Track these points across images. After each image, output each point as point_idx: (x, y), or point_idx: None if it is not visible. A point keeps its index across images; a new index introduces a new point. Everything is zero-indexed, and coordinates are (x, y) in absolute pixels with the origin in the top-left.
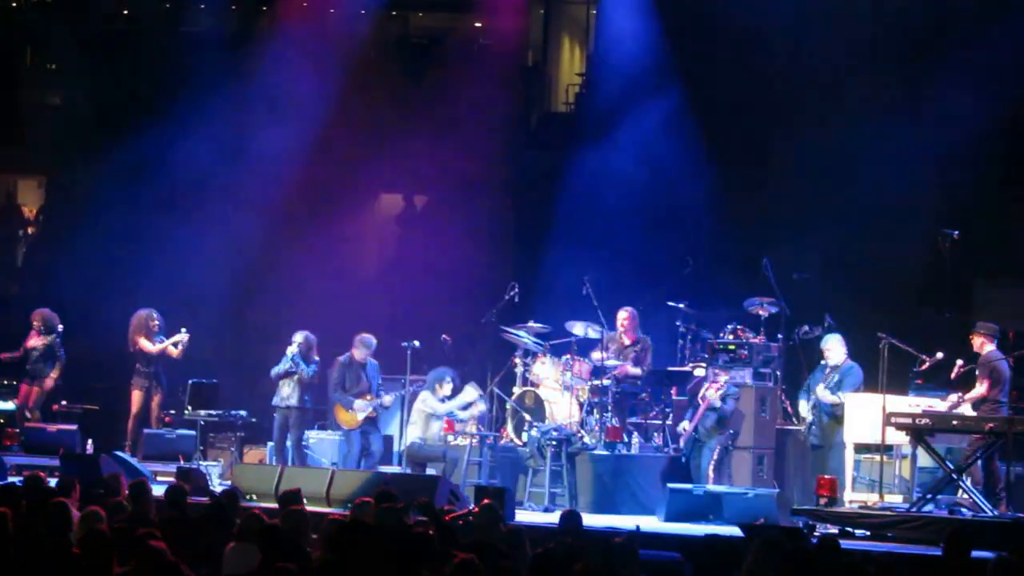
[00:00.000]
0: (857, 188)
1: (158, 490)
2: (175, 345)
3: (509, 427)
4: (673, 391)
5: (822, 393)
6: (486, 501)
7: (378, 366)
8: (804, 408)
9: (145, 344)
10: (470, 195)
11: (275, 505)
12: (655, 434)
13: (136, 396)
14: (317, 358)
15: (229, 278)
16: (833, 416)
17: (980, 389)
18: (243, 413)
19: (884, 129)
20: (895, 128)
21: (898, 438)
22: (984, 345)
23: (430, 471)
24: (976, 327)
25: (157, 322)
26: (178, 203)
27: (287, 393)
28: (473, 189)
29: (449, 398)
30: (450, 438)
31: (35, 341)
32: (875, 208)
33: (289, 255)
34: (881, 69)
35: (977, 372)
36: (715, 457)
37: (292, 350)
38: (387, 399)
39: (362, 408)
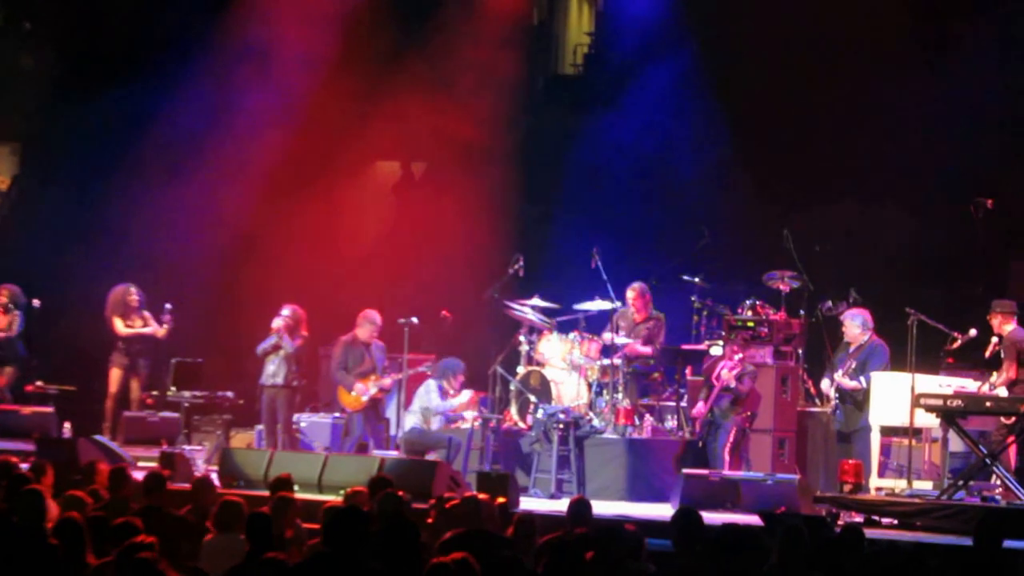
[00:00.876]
0: (883, 154)
1: (140, 477)
2: (160, 324)
3: (513, 410)
4: (688, 371)
5: (842, 380)
6: (468, 494)
7: (384, 347)
8: (827, 389)
9: (117, 325)
10: (471, 162)
11: (265, 492)
12: (669, 416)
13: (115, 376)
14: (305, 333)
15: (215, 249)
16: (855, 400)
17: (1008, 372)
18: (230, 394)
19: (912, 92)
20: (923, 91)
21: (928, 421)
22: (1004, 324)
23: (431, 457)
24: (993, 306)
25: (136, 297)
26: (161, 170)
27: (273, 370)
28: (474, 156)
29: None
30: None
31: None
32: (903, 175)
33: (278, 226)
34: (908, 29)
35: (1003, 354)
36: (731, 440)
37: (277, 323)
38: (386, 381)
39: (364, 390)
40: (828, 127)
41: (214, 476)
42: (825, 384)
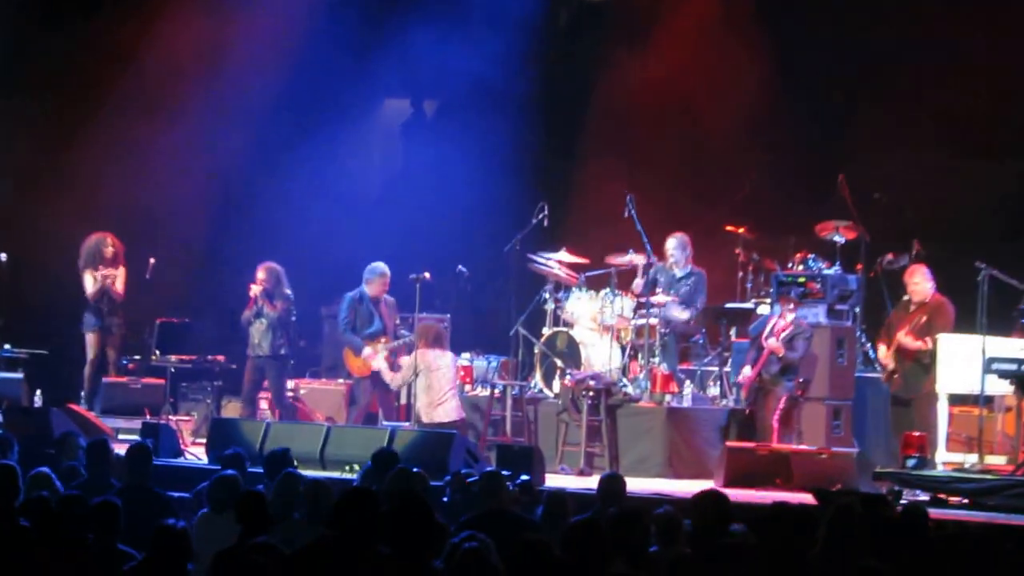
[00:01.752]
0: (951, 95)
1: (120, 450)
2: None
3: (538, 375)
4: (732, 332)
5: (904, 339)
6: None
7: (395, 304)
8: (885, 352)
9: (87, 282)
10: (490, 100)
11: (259, 469)
12: (711, 383)
13: (91, 339)
14: (288, 291)
15: (205, 197)
16: (919, 363)
17: None
18: (221, 358)
19: (983, 31)
20: (997, 31)
21: (1001, 388)
22: None
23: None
24: None
25: (112, 249)
26: (141, 110)
27: (257, 340)
28: (493, 93)
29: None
30: (467, 388)
31: None
32: (972, 117)
33: (276, 171)
34: None
35: None
36: (781, 407)
37: (256, 290)
38: (402, 341)
39: (373, 353)
40: (890, 64)
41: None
42: (883, 350)
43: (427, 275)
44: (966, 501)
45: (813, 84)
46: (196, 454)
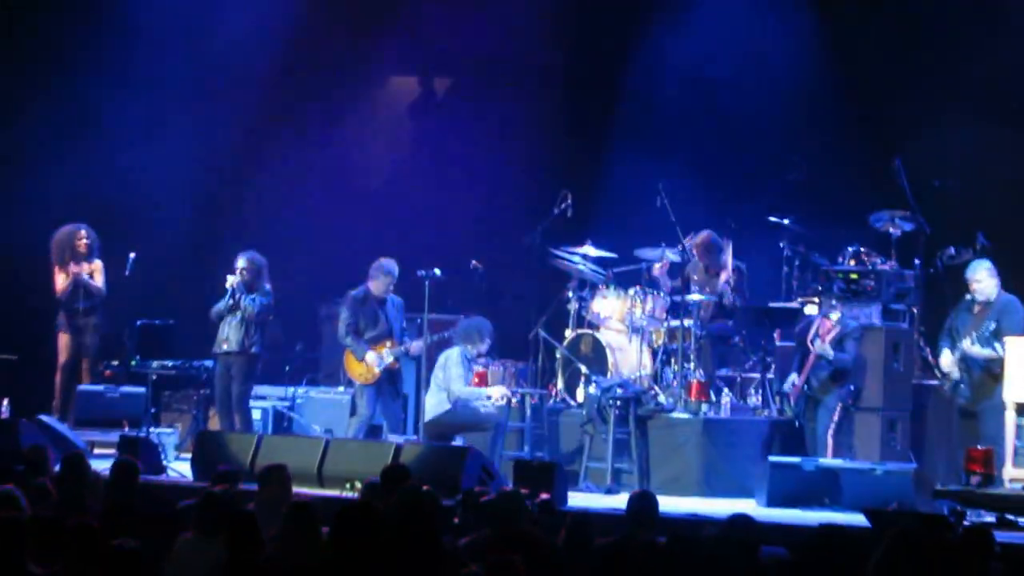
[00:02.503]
0: (1017, 71)
1: (97, 466)
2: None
3: (560, 382)
4: (776, 334)
5: (971, 349)
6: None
7: (402, 304)
8: (948, 359)
9: (58, 280)
10: (507, 78)
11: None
12: (752, 391)
13: (64, 342)
14: (269, 287)
15: (191, 185)
16: (988, 372)
17: None
18: (208, 363)
19: None
20: None
21: None
22: None
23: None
24: None
25: (86, 241)
26: (126, 80)
27: (227, 334)
28: (511, 71)
29: (481, 361)
30: (483, 391)
31: None
32: None
33: (270, 157)
34: None
35: None
36: (835, 420)
37: (232, 280)
38: (414, 346)
39: (378, 359)
40: (951, 33)
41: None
42: (946, 357)
43: (437, 272)
44: None
45: (865, 59)
46: (180, 471)
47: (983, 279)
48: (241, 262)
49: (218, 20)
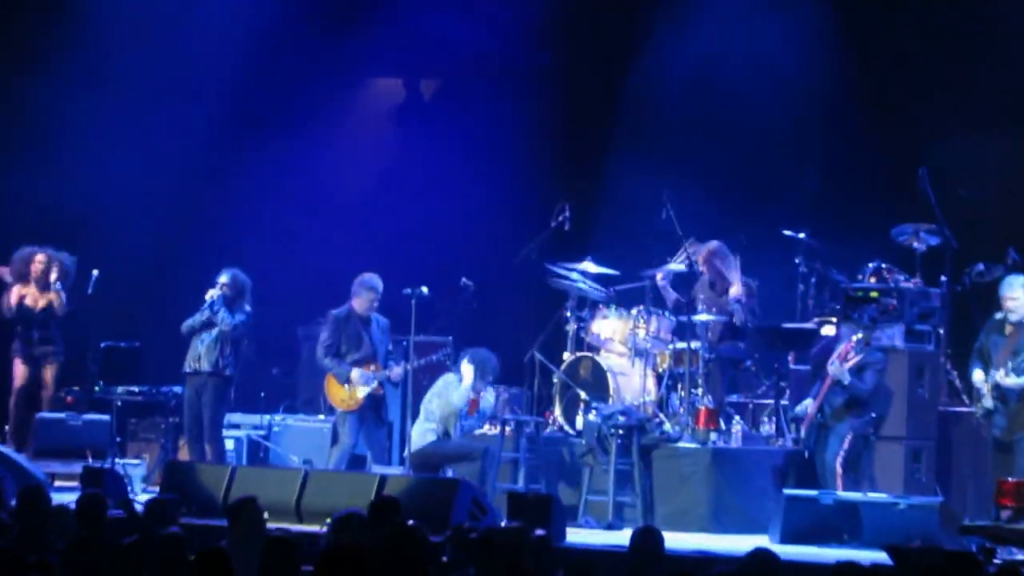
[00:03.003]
0: None
1: (59, 499)
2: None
3: (557, 409)
4: (791, 357)
5: (1006, 379)
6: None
7: (388, 325)
8: (980, 376)
9: (11, 295)
10: (500, 80)
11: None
12: (765, 419)
13: (19, 368)
14: (249, 308)
15: (158, 197)
16: (1022, 400)
17: None
18: (178, 389)
19: None
20: None
21: None
22: None
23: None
24: None
25: (41, 266)
26: (83, 82)
27: (200, 352)
28: (504, 72)
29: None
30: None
31: None
32: None
33: (244, 167)
34: None
35: None
36: (845, 448)
37: (213, 293)
38: (395, 372)
39: (362, 382)
40: (979, 32)
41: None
42: (978, 378)
43: (424, 289)
44: None
45: (886, 59)
46: None
47: (1019, 296)
48: (223, 278)
49: (184, 17)
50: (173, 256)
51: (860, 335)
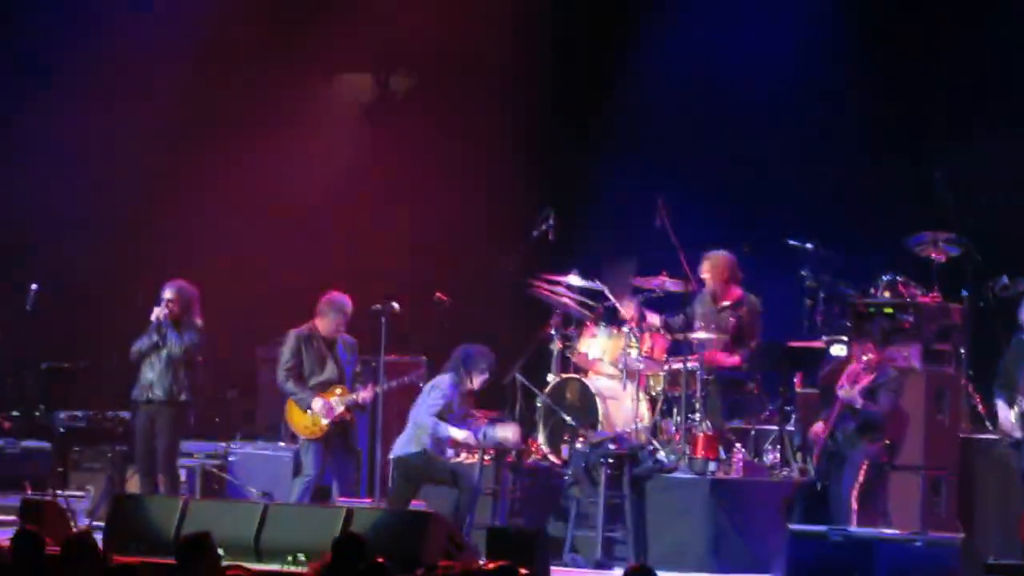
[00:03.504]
0: None
1: None
2: None
3: (541, 436)
4: (797, 379)
5: None
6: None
7: (355, 345)
8: (1007, 414)
9: None
10: (478, 76)
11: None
12: (769, 447)
13: None
14: (200, 321)
15: (103, 206)
16: None
17: None
18: (126, 414)
19: None
20: None
21: None
22: None
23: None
24: None
25: None
26: (21, 83)
27: (151, 379)
28: (484, 67)
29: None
30: (448, 453)
31: None
32: None
33: (197, 172)
34: None
35: None
36: (861, 479)
37: (158, 313)
38: (364, 394)
39: (327, 408)
40: (1002, 26)
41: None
42: (1003, 412)
43: (395, 306)
44: None
45: (900, 55)
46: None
47: None
48: (168, 293)
49: (130, 8)
50: (121, 269)
51: (871, 354)
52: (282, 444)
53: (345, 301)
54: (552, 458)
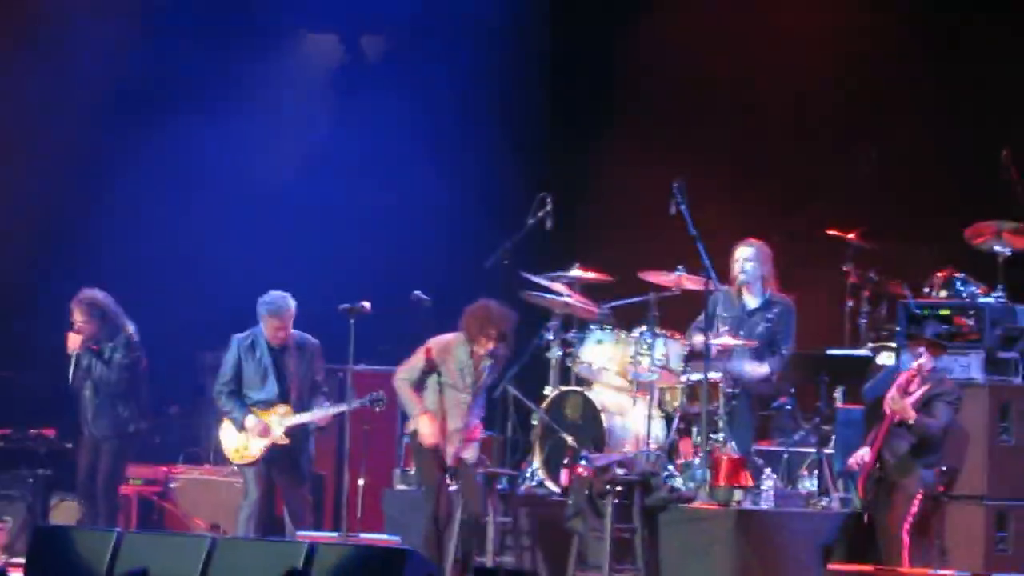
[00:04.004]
0: None
1: None
2: None
3: (537, 459)
4: (838, 393)
5: None
6: None
7: (316, 351)
8: None
9: None
10: (466, 39)
11: None
12: (805, 472)
13: None
14: (131, 329)
15: (24, 196)
16: None
17: None
18: (49, 433)
19: None
20: None
21: None
22: None
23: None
24: None
25: None
26: None
27: (89, 414)
28: (471, 29)
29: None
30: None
31: None
32: None
33: (132, 152)
34: None
35: None
36: (914, 510)
37: (73, 344)
38: (321, 414)
39: (260, 429)
40: None
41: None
42: None
43: (366, 305)
44: None
45: (959, 12)
46: None
47: None
48: (77, 315)
49: None
50: (44, 266)
51: (923, 359)
52: (234, 467)
53: (278, 300)
54: (550, 485)
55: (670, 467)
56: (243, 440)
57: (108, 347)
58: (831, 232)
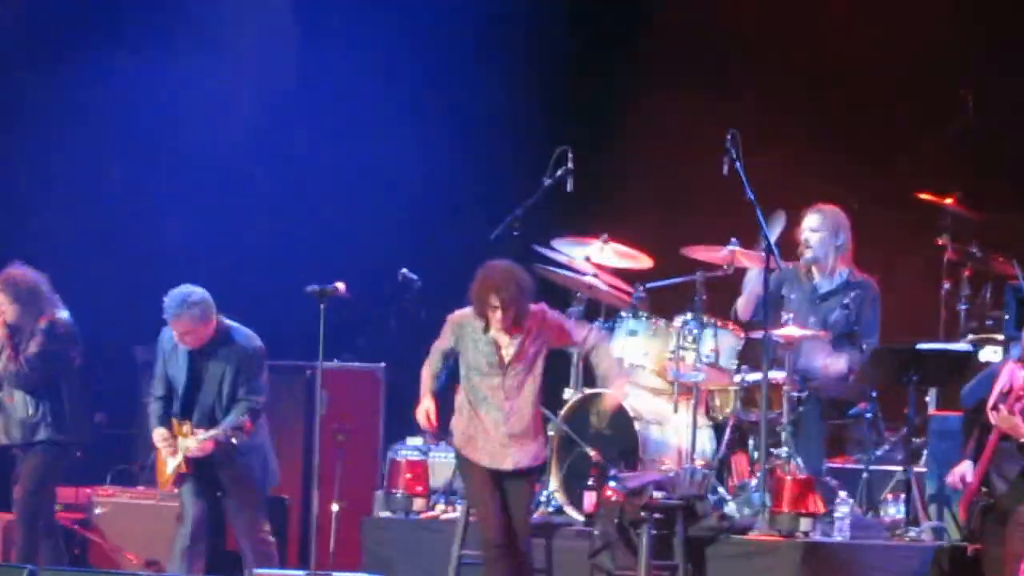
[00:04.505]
0: None
1: None
2: None
3: (554, 480)
4: (931, 397)
5: None
6: None
7: (257, 351)
8: None
9: None
10: None
11: None
12: (889, 496)
13: None
14: (59, 314)
15: None
16: None
17: None
18: None
19: None
20: None
21: None
22: None
23: None
24: None
25: None
26: None
27: (16, 421)
28: None
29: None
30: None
31: None
32: None
33: (42, 99)
34: None
35: None
36: None
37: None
38: (229, 428)
39: (169, 446)
40: None
41: None
42: None
43: (340, 287)
44: None
45: None
46: None
47: None
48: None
49: None
50: None
51: None
52: (174, 490)
53: (173, 303)
54: (570, 511)
55: (720, 489)
56: (161, 461)
57: (29, 332)
58: (923, 196)
